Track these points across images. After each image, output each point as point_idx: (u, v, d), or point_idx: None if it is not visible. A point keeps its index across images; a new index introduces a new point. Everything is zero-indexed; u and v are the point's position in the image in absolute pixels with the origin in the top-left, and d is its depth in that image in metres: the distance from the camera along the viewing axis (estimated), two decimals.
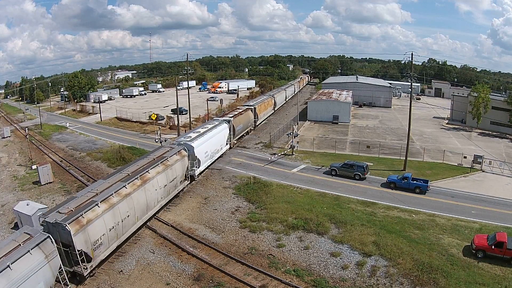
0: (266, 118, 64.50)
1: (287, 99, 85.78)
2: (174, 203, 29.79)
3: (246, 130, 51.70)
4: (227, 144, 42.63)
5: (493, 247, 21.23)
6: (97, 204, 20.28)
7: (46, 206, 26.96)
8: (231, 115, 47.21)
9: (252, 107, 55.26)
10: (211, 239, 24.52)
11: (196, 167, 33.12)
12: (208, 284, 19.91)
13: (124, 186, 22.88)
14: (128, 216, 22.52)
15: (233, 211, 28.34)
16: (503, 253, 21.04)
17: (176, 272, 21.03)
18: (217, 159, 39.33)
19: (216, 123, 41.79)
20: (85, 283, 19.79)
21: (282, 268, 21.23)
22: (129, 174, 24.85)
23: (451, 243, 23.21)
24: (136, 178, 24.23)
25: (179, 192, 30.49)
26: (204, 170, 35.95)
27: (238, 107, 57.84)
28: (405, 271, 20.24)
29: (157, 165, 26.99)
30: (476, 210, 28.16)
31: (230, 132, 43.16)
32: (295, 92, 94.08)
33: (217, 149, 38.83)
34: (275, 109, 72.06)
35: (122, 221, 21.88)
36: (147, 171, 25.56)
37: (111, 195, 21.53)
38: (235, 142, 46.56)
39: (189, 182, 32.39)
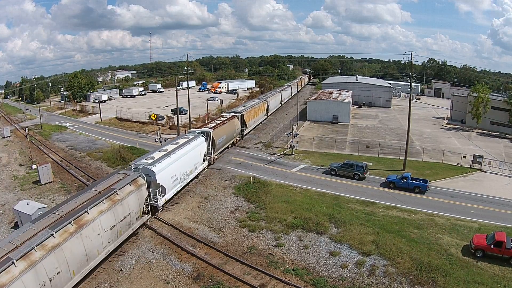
0: (258, 125, 58.68)
1: (282, 103, 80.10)
2: (174, 202, 29.87)
3: (232, 141, 46.17)
4: (204, 161, 36.22)
5: (492, 246, 21.28)
6: (13, 263, 15.83)
7: (46, 206, 27.10)
8: (211, 125, 41.47)
9: (239, 114, 49.00)
10: (210, 238, 24.57)
11: (159, 196, 26.95)
12: (208, 283, 19.96)
13: (51, 235, 17.78)
14: (59, 273, 17.71)
15: (233, 210, 28.40)
16: (502, 252, 21.09)
17: (176, 271, 21.07)
18: (191, 180, 33.37)
19: (191, 136, 35.33)
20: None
21: (281, 267, 21.28)
22: (61, 217, 19.34)
23: (450, 242, 23.27)
24: (69, 223, 18.88)
25: (136, 230, 24.72)
26: (171, 198, 29.63)
27: (223, 114, 51.87)
28: (404, 271, 20.29)
29: (101, 201, 21.23)
30: (475, 210, 28.21)
31: (209, 146, 37.30)
32: (292, 95, 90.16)
33: (190, 170, 32.46)
34: (269, 114, 66.03)
35: (51, 280, 17.23)
36: (85, 212, 20.06)
37: (32, 249, 16.76)
38: (216, 157, 40.16)
39: (150, 216, 26.39)
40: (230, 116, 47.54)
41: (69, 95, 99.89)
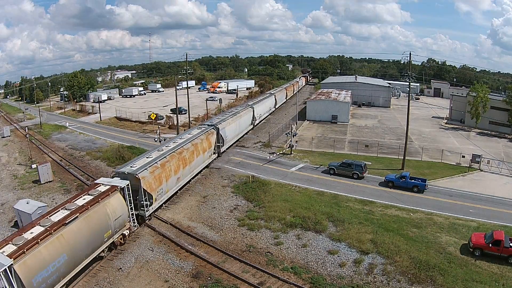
0: (194, 178, 33.82)
1: (256, 122, 55.72)
2: (173, 201, 29.90)
3: (101, 250, 21.16)
4: None
5: (490, 245, 21.38)
6: None
7: (46, 205, 27.11)
8: (31, 235, 17.15)
9: (124, 185, 23.19)
10: (209, 237, 24.63)
11: None
12: (207, 281, 20.02)
13: None
14: None
15: (232, 209, 28.45)
16: (500, 251, 21.19)
17: (175, 269, 21.14)
18: None
19: None
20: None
21: (280, 265, 21.35)
22: None
23: (449, 241, 23.34)
24: None
25: None
26: None
27: (96, 182, 24.14)
28: (402, 269, 20.37)
29: None
30: (473, 209, 28.28)
31: None
32: (276, 107, 72.09)
33: None
34: (222, 148, 41.09)
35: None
36: None
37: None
38: None
39: None
40: (104, 191, 22.25)
41: (69, 95, 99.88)
